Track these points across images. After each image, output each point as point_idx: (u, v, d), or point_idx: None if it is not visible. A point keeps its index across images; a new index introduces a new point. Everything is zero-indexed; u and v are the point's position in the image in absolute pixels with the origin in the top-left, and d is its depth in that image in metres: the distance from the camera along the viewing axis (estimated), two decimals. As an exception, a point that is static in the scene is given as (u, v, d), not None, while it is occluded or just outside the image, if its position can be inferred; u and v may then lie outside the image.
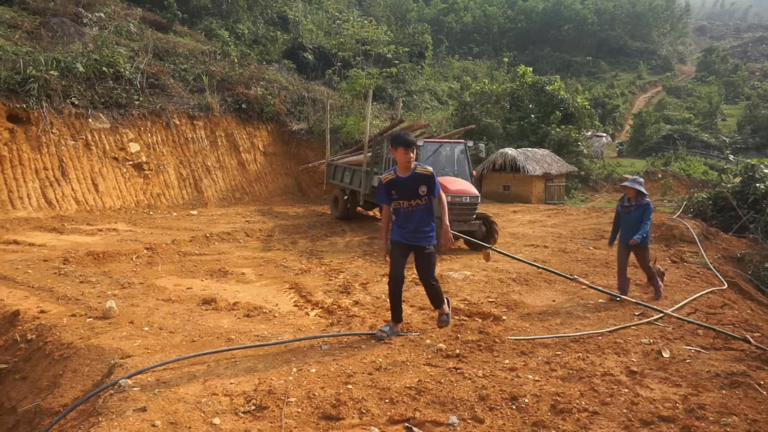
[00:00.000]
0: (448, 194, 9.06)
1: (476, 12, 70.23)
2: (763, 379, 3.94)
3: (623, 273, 6.59)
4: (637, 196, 6.42)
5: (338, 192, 13.69)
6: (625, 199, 6.59)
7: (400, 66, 29.84)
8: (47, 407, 3.78)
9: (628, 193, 6.51)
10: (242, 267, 8.05)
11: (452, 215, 9.00)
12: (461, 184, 9.72)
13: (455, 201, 9.20)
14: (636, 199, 6.43)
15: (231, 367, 4.00)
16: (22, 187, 12.24)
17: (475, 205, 9.59)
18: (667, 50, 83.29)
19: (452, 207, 9.05)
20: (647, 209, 6.38)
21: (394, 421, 3.22)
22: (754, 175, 13.74)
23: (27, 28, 16.21)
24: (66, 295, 5.99)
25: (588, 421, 3.28)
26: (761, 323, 6.11)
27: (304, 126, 20.06)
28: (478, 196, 9.69)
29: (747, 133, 43.74)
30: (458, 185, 9.61)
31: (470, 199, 9.42)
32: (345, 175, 13.34)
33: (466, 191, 9.46)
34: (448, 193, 9.08)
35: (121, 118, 14.91)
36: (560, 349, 4.58)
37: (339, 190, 13.71)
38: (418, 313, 5.70)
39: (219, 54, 20.97)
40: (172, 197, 15.44)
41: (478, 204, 9.66)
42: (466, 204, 9.39)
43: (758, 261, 10.09)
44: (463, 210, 9.37)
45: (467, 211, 9.43)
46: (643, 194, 6.45)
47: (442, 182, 9.55)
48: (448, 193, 9.09)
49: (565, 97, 28.29)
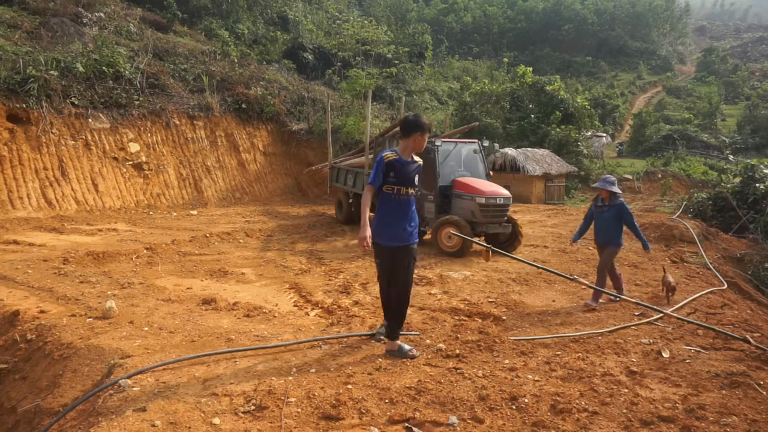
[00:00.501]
0: (482, 196, 9.03)
1: (476, 12, 70.23)
2: (762, 379, 3.94)
3: (613, 272, 6.53)
4: (610, 196, 6.35)
5: (342, 195, 13.48)
6: (598, 200, 6.52)
7: (400, 66, 29.82)
8: (47, 407, 3.78)
9: (601, 193, 6.43)
10: (242, 267, 8.04)
11: (487, 217, 9.03)
12: (493, 186, 9.52)
13: (489, 203, 9.05)
14: (609, 199, 6.35)
15: (231, 367, 4.00)
16: (21, 187, 12.24)
17: (508, 207, 9.42)
18: (667, 50, 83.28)
19: (486, 208, 9.00)
20: (622, 210, 6.28)
21: (394, 421, 3.22)
22: (754, 176, 13.74)
23: (27, 28, 16.21)
24: (66, 295, 5.99)
25: (588, 421, 3.28)
26: (761, 323, 6.11)
27: (304, 126, 20.06)
28: (511, 197, 9.53)
29: (747, 133, 43.73)
30: (490, 187, 9.42)
31: (504, 201, 9.25)
32: (348, 178, 13.12)
33: (500, 193, 9.27)
34: (482, 195, 9.04)
35: (121, 118, 14.90)
36: (560, 349, 4.58)
37: (343, 193, 13.47)
38: (418, 313, 5.70)
39: (219, 54, 20.97)
40: (172, 197, 15.44)
41: (510, 205, 9.50)
42: (500, 206, 9.20)
43: (758, 261, 10.09)
44: (498, 211, 9.19)
45: (501, 212, 9.25)
46: (616, 194, 6.36)
47: (470, 184, 9.39)
48: (482, 195, 9.05)
49: (565, 97, 28.29)
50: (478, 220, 9.14)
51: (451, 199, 9.70)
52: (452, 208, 9.64)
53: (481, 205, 9.04)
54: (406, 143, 4.38)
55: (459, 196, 9.53)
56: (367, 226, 4.16)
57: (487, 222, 9.12)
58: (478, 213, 9.09)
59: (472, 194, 9.20)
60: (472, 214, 9.19)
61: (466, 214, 9.27)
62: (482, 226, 9.18)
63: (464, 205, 9.38)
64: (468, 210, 9.28)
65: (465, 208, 9.35)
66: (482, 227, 9.19)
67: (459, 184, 9.60)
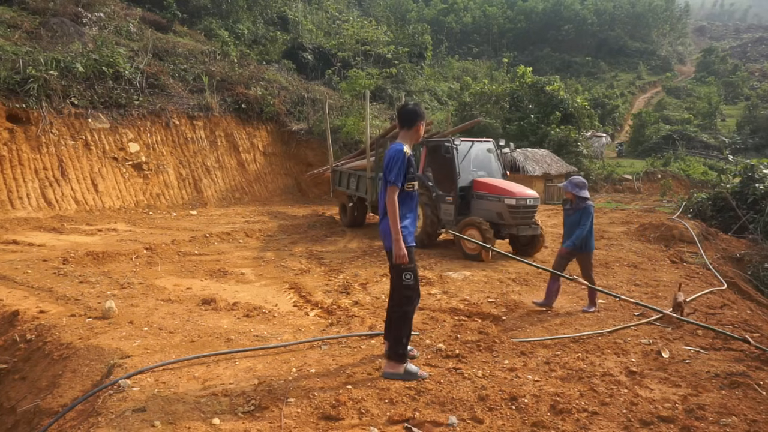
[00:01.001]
0: (512, 197, 8.75)
1: (476, 12, 70.26)
2: (762, 380, 3.94)
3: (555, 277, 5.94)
4: (576, 199, 5.96)
5: (345, 199, 13.12)
6: (567, 202, 6.21)
7: (400, 66, 29.83)
8: (46, 407, 3.77)
9: (567, 195, 6.08)
10: (242, 267, 8.04)
11: (516, 218, 8.79)
12: (520, 186, 9.23)
13: (520, 204, 8.78)
14: (575, 202, 5.98)
15: (230, 368, 4.00)
16: (21, 187, 12.23)
17: (536, 208, 9.15)
18: (667, 51, 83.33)
19: (517, 210, 8.73)
20: (585, 213, 5.90)
21: (394, 422, 3.22)
22: (754, 176, 13.75)
23: (27, 28, 16.21)
24: (65, 295, 5.98)
25: (587, 421, 3.28)
26: (760, 323, 6.11)
27: (303, 126, 20.06)
28: (539, 198, 9.29)
29: (746, 133, 43.75)
30: (518, 187, 9.11)
31: (533, 202, 8.98)
32: (351, 181, 12.80)
33: (529, 194, 8.99)
34: (512, 196, 8.76)
35: (120, 118, 14.90)
36: (560, 350, 4.58)
37: (346, 197, 13.12)
38: (418, 314, 5.70)
39: (219, 54, 20.97)
40: (172, 197, 15.43)
41: (537, 206, 9.22)
42: (530, 207, 8.94)
43: (757, 261, 10.09)
44: (527, 213, 8.91)
45: (530, 213, 8.98)
46: (584, 198, 5.94)
47: (496, 185, 9.09)
48: (512, 196, 8.77)
49: (564, 98, 28.33)
50: (507, 222, 8.88)
51: (470, 200, 9.42)
52: (472, 209, 9.35)
53: (511, 207, 8.75)
54: (408, 134, 4.05)
55: (482, 197, 9.22)
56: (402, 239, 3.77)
57: (517, 224, 8.86)
58: (506, 215, 8.82)
59: (500, 195, 8.92)
60: (499, 215, 8.92)
61: (491, 216, 8.99)
62: (511, 228, 8.95)
63: (489, 207, 9.07)
64: (493, 212, 8.99)
65: (490, 210, 9.05)
66: (511, 229, 8.96)
67: (480, 184, 9.32)
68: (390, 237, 3.80)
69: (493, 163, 10.15)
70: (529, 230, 8.99)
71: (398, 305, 3.86)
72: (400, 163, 3.80)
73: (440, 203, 9.67)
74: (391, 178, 3.79)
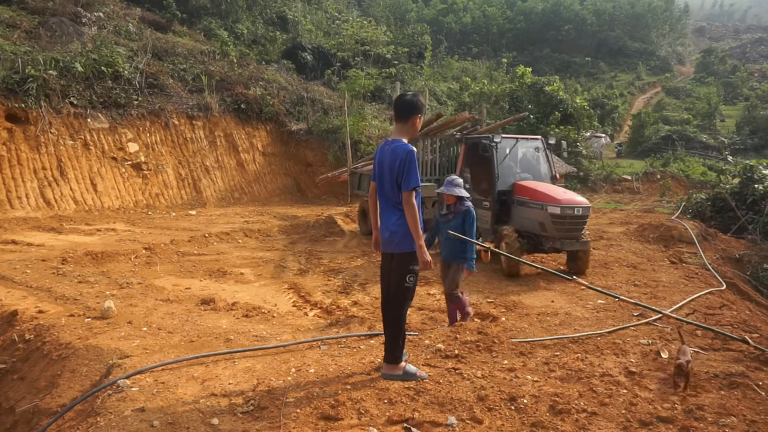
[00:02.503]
0: (557, 205, 7.50)
1: (475, 12, 70.26)
2: (761, 380, 3.94)
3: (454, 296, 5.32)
4: (457, 201, 5.26)
5: (365, 203, 11.74)
6: (443, 206, 5.48)
7: (400, 66, 29.84)
8: (45, 407, 3.77)
9: (447, 200, 5.34)
10: (241, 267, 8.04)
11: (561, 231, 7.57)
12: (567, 192, 7.98)
13: (566, 213, 7.46)
14: (456, 205, 5.26)
15: (230, 368, 4.00)
16: (20, 186, 12.22)
17: (586, 218, 7.83)
18: (666, 51, 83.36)
19: (561, 221, 7.48)
20: (468, 217, 5.17)
21: (393, 422, 3.21)
22: (753, 176, 13.75)
23: (26, 28, 16.19)
24: (64, 295, 5.98)
25: (587, 421, 3.28)
26: (760, 324, 6.11)
27: (303, 126, 20.06)
28: (590, 207, 7.90)
29: (746, 134, 43.74)
30: (565, 193, 7.86)
31: (583, 211, 7.63)
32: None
33: (578, 201, 7.68)
34: (557, 204, 7.50)
35: (119, 118, 14.89)
36: (559, 350, 4.58)
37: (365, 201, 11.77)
38: (417, 314, 5.70)
39: (218, 54, 20.95)
40: (171, 197, 15.42)
41: (588, 216, 7.91)
42: (578, 217, 7.60)
43: (757, 262, 10.09)
44: (575, 224, 7.60)
45: (579, 225, 7.68)
46: (463, 198, 5.27)
47: (539, 189, 7.78)
48: (557, 203, 7.52)
49: (564, 98, 28.31)
50: (550, 233, 7.63)
51: (510, 206, 8.22)
52: (512, 217, 8.17)
53: (555, 216, 7.48)
54: (405, 128, 3.83)
55: (523, 203, 7.97)
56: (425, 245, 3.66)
57: (562, 237, 7.56)
58: (549, 225, 7.57)
59: (543, 202, 7.64)
60: (542, 226, 7.68)
61: (533, 226, 7.82)
62: (554, 242, 7.65)
63: (530, 215, 7.84)
64: (535, 221, 7.76)
65: (531, 219, 7.82)
66: (554, 242, 7.65)
67: (522, 188, 8.09)
68: (396, 241, 3.74)
69: (541, 164, 8.92)
70: (576, 245, 7.68)
71: (398, 307, 3.82)
72: (415, 164, 3.64)
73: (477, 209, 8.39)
74: (411, 183, 3.60)
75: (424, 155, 10.91)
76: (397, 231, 3.73)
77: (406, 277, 3.76)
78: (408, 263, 3.74)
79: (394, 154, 3.69)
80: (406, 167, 3.62)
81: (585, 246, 7.73)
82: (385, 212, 3.86)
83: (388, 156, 3.74)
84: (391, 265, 3.81)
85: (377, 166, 3.87)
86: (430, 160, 11.23)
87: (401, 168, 3.64)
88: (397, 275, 3.78)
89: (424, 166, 10.80)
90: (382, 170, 3.81)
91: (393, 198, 3.76)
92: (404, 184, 3.64)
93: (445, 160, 11.35)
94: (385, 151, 3.81)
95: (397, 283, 3.79)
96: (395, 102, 3.89)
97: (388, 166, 3.73)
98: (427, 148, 11.25)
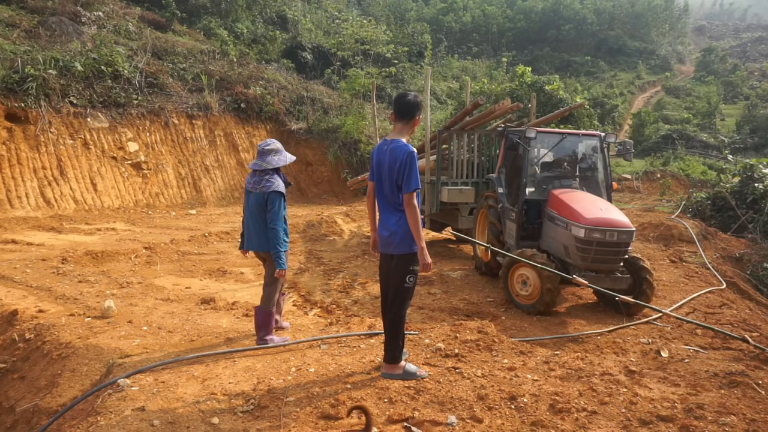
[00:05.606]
0: (581, 225, 5.67)
1: (475, 12, 70.23)
2: (761, 379, 3.94)
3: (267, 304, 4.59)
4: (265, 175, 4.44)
5: None
6: (248, 181, 4.57)
7: (399, 66, 29.84)
8: (45, 407, 3.77)
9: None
10: (241, 266, 8.04)
11: (586, 259, 5.73)
12: (604, 209, 5.88)
13: (592, 237, 5.60)
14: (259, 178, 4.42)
15: (230, 367, 4.00)
16: (20, 186, 12.22)
17: (627, 246, 5.79)
18: (666, 50, 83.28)
19: (587, 246, 5.66)
20: (274, 199, 4.37)
21: (393, 421, 3.22)
22: (753, 175, 13.75)
23: (25, 27, 16.17)
24: (64, 295, 5.98)
25: (587, 420, 3.28)
26: (759, 323, 6.12)
27: (303, 125, 20.05)
28: (633, 232, 5.77)
29: (746, 132, 43.72)
30: (598, 210, 5.81)
31: (618, 237, 5.63)
32: None
33: (614, 222, 5.66)
34: (581, 224, 5.67)
35: (119, 118, 14.88)
36: (559, 349, 4.58)
37: None
38: (417, 313, 5.70)
39: (218, 53, 20.95)
40: (171, 196, 15.42)
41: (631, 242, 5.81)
42: (612, 244, 5.66)
43: (757, 261, 10.10)
44: (605, 253, 5.70)
45: (611, 255, 5.73)
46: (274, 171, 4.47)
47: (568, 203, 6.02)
48: (581, 223, 5.68)
49: (564, 97, 28.32)
50: (574, 262, 5.87)
51: (543, 220, 6.51)
52: (543, 235, 6.47)
53: (579, 241, 5.70)
54: (405, 128, 3.75)
55: (552, 218, 6.25)
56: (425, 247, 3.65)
57: (587, 267, 5.75)
58: (573, 251, 5.82)
59: (568, 219, 5.88)
60: (566, 250, 5.97)
61: (558, 249, 6.13)
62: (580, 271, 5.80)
63: (556, 235, 6.14)
64: (561, 243, 6.06)
65: (557, 240, 6.14)
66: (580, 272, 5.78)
67: (554, 199, 6.28)
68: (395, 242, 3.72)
69: (598, 170, 6.97)
70: (606, 280, 5.72)
71: (397, 307, 3.81)
72: (415, 165, 3.61)
73: (506, 219, 7.00)
74: (412, 185, 3.57)
75: (459, 154, 9.12)
76: (397, 232, 3.72)
77: (405, 278, 3.75)
78: (408, 264, 3.74)
79: (394, 156, 3.66)
80: (407, 169, 3.59)
81: (620, 284, 5.77)
82: (384, 213, 3.84)
83: (388, 157, 3.70)
84: (391, 265, 3.81)
85: (376, 166, 3.83)
86: (466, 159, 9.24)
87: (401, 170, 3.61)
88: (397, 276, 3.77)
89: (459, 167, 9.09)
90: (381, 171, 3.77)
91: (393, 199, 3.74)
92: (405, 185, 3.61)
93: (485, 160, 9.30)
94: (383, 151, 3.76)
95: (396, 284, 3.78)
96: (396, 101, 3.83)
97: (388, 167, 3.69)
98: (463, 145, 9.24)
